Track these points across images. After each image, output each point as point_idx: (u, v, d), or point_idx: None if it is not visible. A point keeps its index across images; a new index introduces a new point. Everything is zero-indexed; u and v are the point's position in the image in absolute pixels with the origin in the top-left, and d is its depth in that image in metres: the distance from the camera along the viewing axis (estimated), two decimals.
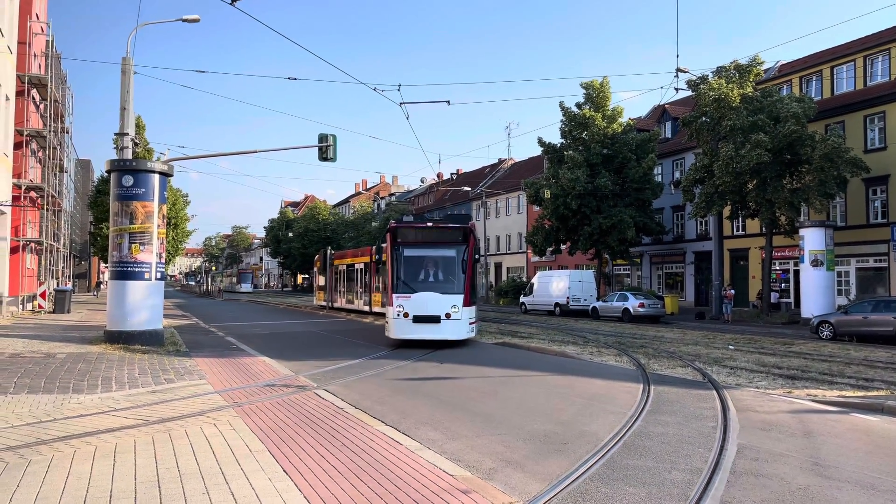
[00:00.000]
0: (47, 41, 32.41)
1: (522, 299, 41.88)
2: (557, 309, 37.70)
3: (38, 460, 6.32)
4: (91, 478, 5.79)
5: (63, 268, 40.14)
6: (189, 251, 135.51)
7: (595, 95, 39.98)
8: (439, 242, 18.59)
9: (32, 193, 31.17)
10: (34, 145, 31.80)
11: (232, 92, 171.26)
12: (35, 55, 30.15)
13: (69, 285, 36.36)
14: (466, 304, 17.59)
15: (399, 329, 17.46)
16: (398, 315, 17.35)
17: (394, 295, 17.56)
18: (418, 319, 17.25)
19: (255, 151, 24.78)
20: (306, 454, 6.72)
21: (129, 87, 17.67)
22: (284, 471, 6.11)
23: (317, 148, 21.26)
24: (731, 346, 19.32)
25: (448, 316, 17.27)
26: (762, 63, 33.21)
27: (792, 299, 35.05)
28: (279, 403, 9.40)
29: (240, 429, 7.78)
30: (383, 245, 19.15)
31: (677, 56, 52.71)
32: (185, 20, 20.03)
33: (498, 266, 64.57)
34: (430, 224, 19.43)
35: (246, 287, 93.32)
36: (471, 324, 18.04)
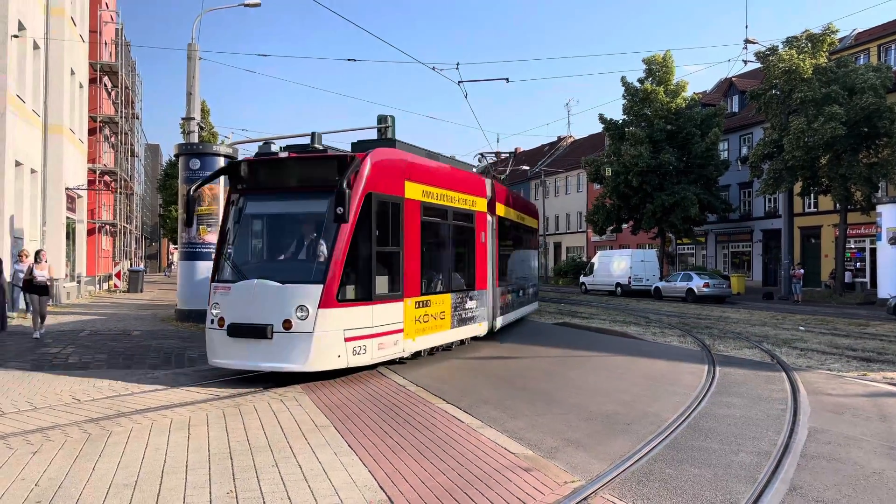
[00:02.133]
0: (117, 29, 33.55)
1: (582, 279, 41.46)
2: (619, 289, 37.18)
3: (118, 431, 6.64)
4: (168, 449, 6.06)
5: (136, 249, 41.78)
6: None
7: (658, 70, 38.96)
8: (299, 188, 10.20)
9: (106, 177, 32.48)
10: (107, 131, 33.07)
11: (293, 75, 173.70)
12: (105, 43, 31.26)
13: (142, 266, 37.88)
14: (335, 301, 9.13)
15: (212, 346, 9.61)
16: (212, 322, 9.57)
17: (212, 285, 9.96)
18: (235, 332, 9.22)
19: (316, 134, 25.20)
20: (370, 430, 6.85)
21: (194, 73, 18.16)
22: (349, 445, 6.26)
23: (376, 129, 21.39)
24: (801, 328, 18.70)
25: (287, 326, 8.97)
26: (836, 31, 31.65)
27: (868, 279, 33.60)
28: (343, 380, 9.60)
29: (305, 404, 7.99)
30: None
31: (746, 26, 50.92)
32: (246, 5, 20.40)
33: (557, 246, 64.03)
34: (285, 155, 10.28)
35: None
36: (352, 340, 9.37)
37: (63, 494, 4.91)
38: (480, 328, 13.91)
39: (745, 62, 28.04)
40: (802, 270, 32.55)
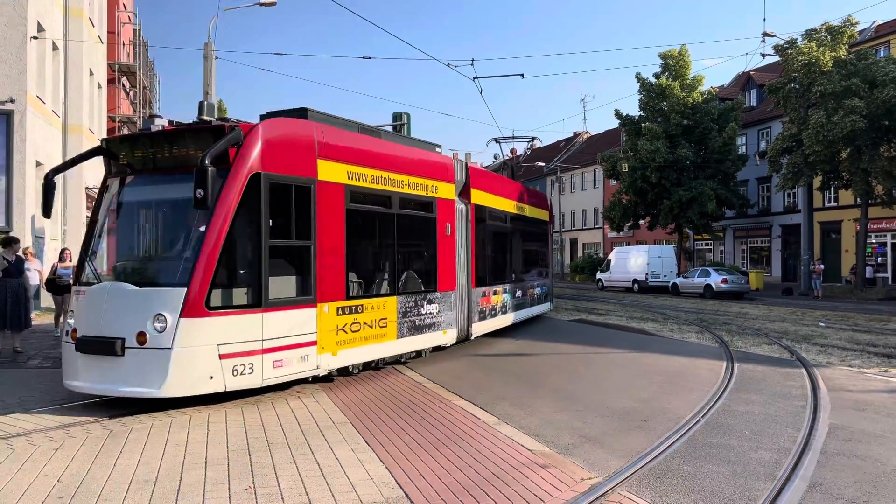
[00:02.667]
0: (134, 30, 33.87)
1: (599, 276, 41.30)
2: (636, 285, 36.99)
3: (138, 428, 6.72)
4: (187, 445, 6.12)
5: None
6: None
7: (673, 65, 38.69)
8: (171, 170, 8.29)
9: None
10: (125, 131, 33.39)
11: (308, 73, 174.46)
12: (123, 44, 31.57)
13: None
14: (202, 309, 7.41)
15: (65, 364, 7.99)
16: (66, 334, 8.02)
17: (73, 288, 8.69)
18: (83, 346, 7.57)
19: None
20: (387, 427, 6.88)
21: (211, 73, 18.28)
22: (366, 442, 6.29)
23: (391, 127, 21.41)
24: (821, 324, 18.50)
25: (142, 340, 7.31)
26: (856, 24, 31.24)
27: (889, 274, 33.19)
28: (360, 378, 9.64)
29: (323, 402, 8.03)
30: None
31: (764, 19, 50.36)
32: (262, 4, 20.50)
33: (574, 242, 63.81)
34: (158, 128, 8.44)
35: None
36: (231, 357, 7.59)
37: (85, 490, 4.98)
38: (445, 336, 11.78)
39: (764, 56, 27.92)
40: (823, 266, 32.19)
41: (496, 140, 20.86)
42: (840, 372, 10.71)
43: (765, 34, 25.04)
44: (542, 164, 60.57)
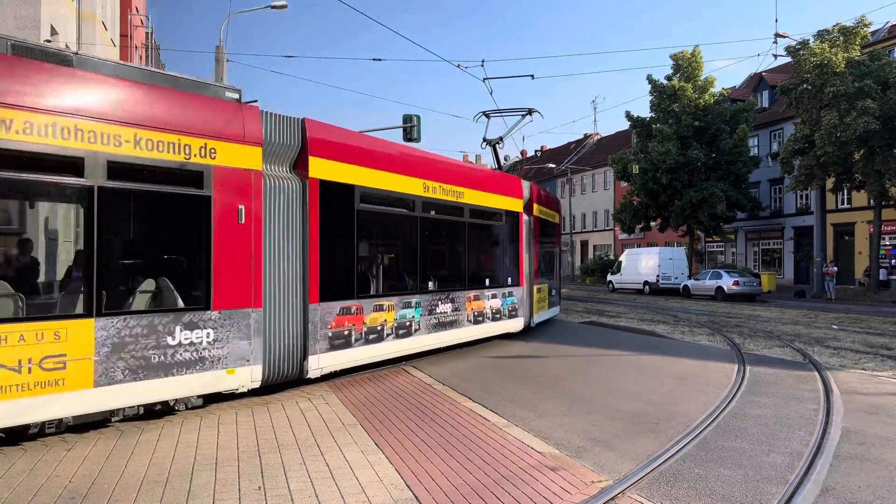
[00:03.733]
0: (146, 33, 34.11)
1: (610, 278, 41.18)
2: (647, 287, 36.85)
3: (149, 429, 6.75)
4: (198, 446, 6.15)
5: None
6: None
7: (685, 66, 38.56)
8: None
9: None
10: None
11: (319, 75, 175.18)
12: (136, 47, 31.78)
13: None
14: None
15: None
16: None
17: None
18: None
19: None
20: (396, 429, 6.88)
21: (222, 75, 18.39)
22: (376, 444, 6.29)
23: (401, 129, 21.45)
24: (834, 326, 18.35)
25: None
26: (869, 24, 31.01)
27: None
28: (369, 379, 9.65)
29: (333, 403, 8.04)
30: None
31: (776, 20, 49.97)
32: (273, 7, 20.62)
33: (584, 244, 63.64)
34: None
35: None
36: None
37: (96, 491, 5.01)
38: (232, 378, 7.55)
39: (776, 57, 27.75)
40: (836, 268, 31.95)
41: (485, 114, 16.92)
42: (853, 375, 10.62)
43: (777, 35, 24.97)
44: (553, 165, 60.57)
